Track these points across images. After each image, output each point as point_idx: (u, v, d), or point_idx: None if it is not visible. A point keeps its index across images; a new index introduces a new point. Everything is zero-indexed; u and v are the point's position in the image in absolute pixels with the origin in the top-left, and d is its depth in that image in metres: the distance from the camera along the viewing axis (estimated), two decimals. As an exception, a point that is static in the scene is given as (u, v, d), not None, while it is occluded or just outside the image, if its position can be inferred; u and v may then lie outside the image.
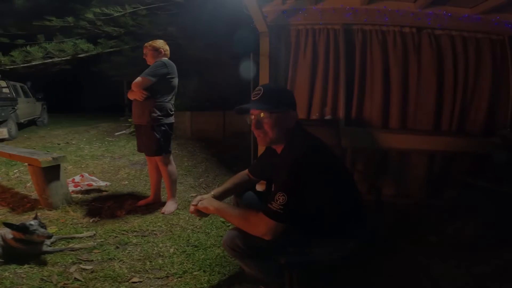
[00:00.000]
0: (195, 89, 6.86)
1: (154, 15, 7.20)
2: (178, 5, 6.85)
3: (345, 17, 3.11)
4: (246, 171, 1.70)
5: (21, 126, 7.70)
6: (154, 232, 2.39)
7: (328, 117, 3.15)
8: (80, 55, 7.44)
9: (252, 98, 1.36)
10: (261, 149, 3.18)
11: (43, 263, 1.92)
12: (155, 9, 7.15)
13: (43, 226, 1.98)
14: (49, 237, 1.96)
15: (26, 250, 1.95)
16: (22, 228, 1.91)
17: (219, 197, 1.56)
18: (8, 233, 1.96)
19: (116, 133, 6.91)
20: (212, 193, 1.56)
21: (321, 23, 3.17)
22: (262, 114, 1.32)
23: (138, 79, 2.54)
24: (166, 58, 2.71)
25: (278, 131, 1.32)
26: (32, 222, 1.95)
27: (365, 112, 3.18)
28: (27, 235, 1.90)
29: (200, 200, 1.47)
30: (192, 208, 1.49)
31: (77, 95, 12.64)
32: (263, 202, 1.48)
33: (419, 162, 3.07)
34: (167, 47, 2.75)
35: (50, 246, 2.07)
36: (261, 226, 1.20)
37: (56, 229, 2.38)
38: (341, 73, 3.12)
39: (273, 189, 1.49)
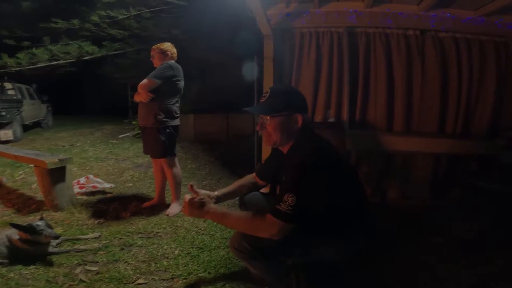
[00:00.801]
0: (198, 91, 6.90)
1: (158, 17, 7.26)
2: (182, 8, 6.90)
3: (348, 20, 3.12)
4: (253, 174, 1.70)
5: (26, 128, 7.76)
6: (159, 233, 2.40)
7: (331, 119, 3.15)
8: (85, 58, 7.50)
9: (260, 100, 1.38)
10: (265, 151, 3.19)
11: (49, 264, 1.94)
12: (159, 12, 7.21)
13: (49, 226, 1.99)
14: (56, 237, 1.97)
15: (32, 251, 1.96)
16: (29, 229, 1.92)
17: (222, 197, 1.56)
18: (14, 234, 1.97)
19: (120, 136, 6.94)
20: (216, 193, 1.55)
21: (325, 26, 3.18)
22: (266, 117, 1.34)
23: (144, 81, 2.56)
24: (173, 61, 2.74)
25: (281, 133, 1.33)
26: (39, 223, 1.96)
27: (369, 115, 3.18)
28: (34, 236, 1.91)
29: (194, 202, 1.36)
30: (184, 209, 1.39)
31: (82, 97, 12.73)
32: (269, 203, 1.49)
33: (423, 164, 3.06)
34: (174, 50, 2.77)
35: (55, 247, 2.08)
36: (270, 228, 1.20)
37: (62, 230, 2.39)
38: (345, 76, 3.12)
39: (278, 191, 1.50)
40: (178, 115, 2.75)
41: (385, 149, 2.97)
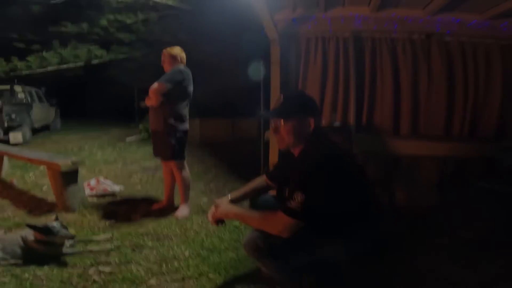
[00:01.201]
0: (204, 95, 6.96)
1: (164, 22, 7.36)
2: (187, 13, 6.99)
3: (354, 25, 3.15)
4: (263, 176, 1.75)
5: (34, 131, 7.85)
6: (169, 235, 2.44)
7: (337, 123, 3.18)
8: (93, 61, 7.61)
9: (273, 106, 1.46)
10: (271, 154, 3.23)
11: (63, 265, 1.98)
12: (166, 17, 7.31)
13: (64, 227, 2.04)
14: (72, 238, 2.02)
15: (47, 251, 2.00)
16: (45, 230, 1.96)
17: (237, 200, 1.62)
18: (29, 235, 2.01)
19: (127, 139, 7.01)
20: (229, 196, 1.62)
21: (331, 31, 3.22)
22: (280, 120, 1.40)
23: (155, 85, 2.61)
24: (183, 65, 2.79)
25: (294, 137, 1.40)
26: (54, 224, 2.01)
27: (376, 119, 3.20)
28: (50, 237, 1.95)
29: (217, 207, 1.52)
30: (211, 219, 1.55)
31: (88, 100, 12.83)
32: (279, 204, 1.54)
33: (430, 167, 3.07)
34: (183, 55, 2.82)
35: (69, 248, 2.11)
36: (279, 224, 1.26)
37: (74, 231, 2.43)
38: (351, 81, 3.15)
39: (286, 192, 1.54)
40: (188, 119, 2.80)
41: (392, 152, 2.99)
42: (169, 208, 2.94)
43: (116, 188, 3.46)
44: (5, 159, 4.10)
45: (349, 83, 3.18)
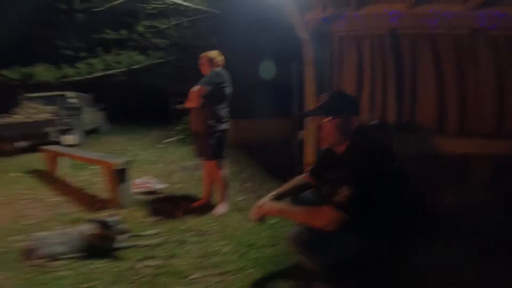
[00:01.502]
0: (237, 97, 7.07)
1: (195, 26, 7.58)
2: (217, 17, 7.13)
3: (390, 22, 3.06)
4: (303, 175, 1.82)
5: (85, 134, 8.45)
6: (209, 232, 2.59)
7: (374, 122, 3.13)
8: (134, 67, 8.04)
9: (317, 104, 1.52)
10: (307, 155, 3.27)
11: (116, 258, 2.17)
12: (196, 21, 7.51)
13: (120, 223, 2.25)
14: (127, 232, 2.22)
15: (103, 245, 2.20)
16: (103, 224, 2.18)
17: (279, 197, 1.70)
18: (88, 229, 2.23)
19: (165, 141, 7.29)
20: (274, 193, 1.71)
21: (364, 29, 3.17)
22: (324, 119, 1.46)
23: (196, 87, 2.76)
24: (220, 68, 2.92)
25: (338, 135, 1.46)
26: (111, 219, 2.22)
27: (418, 116, 3.08)
28: (108, 231, 2.17)
29: (260, 205, 1.61)
30: (254, 216, 1.63)
31: (130, 104, 13.43)
32: (320, 200, 1.60)
33: (479, 166, 2.92)
34: (220, 58, 2.95)
35: (122, 243, 2.29)
36: (324, 218, 1.32)
37: (126, 227, 2.66)
38: (390, 78, 3.09)
39: (328, 189, 1.59)
40: (227, 120, 2.93)
41: (437, 151, 2.89)
42: (208, 206, 3.09)
43: (160, 186, 3.70)
44: (66, 159, 4.50)
45: (387, 81, 3.12)
